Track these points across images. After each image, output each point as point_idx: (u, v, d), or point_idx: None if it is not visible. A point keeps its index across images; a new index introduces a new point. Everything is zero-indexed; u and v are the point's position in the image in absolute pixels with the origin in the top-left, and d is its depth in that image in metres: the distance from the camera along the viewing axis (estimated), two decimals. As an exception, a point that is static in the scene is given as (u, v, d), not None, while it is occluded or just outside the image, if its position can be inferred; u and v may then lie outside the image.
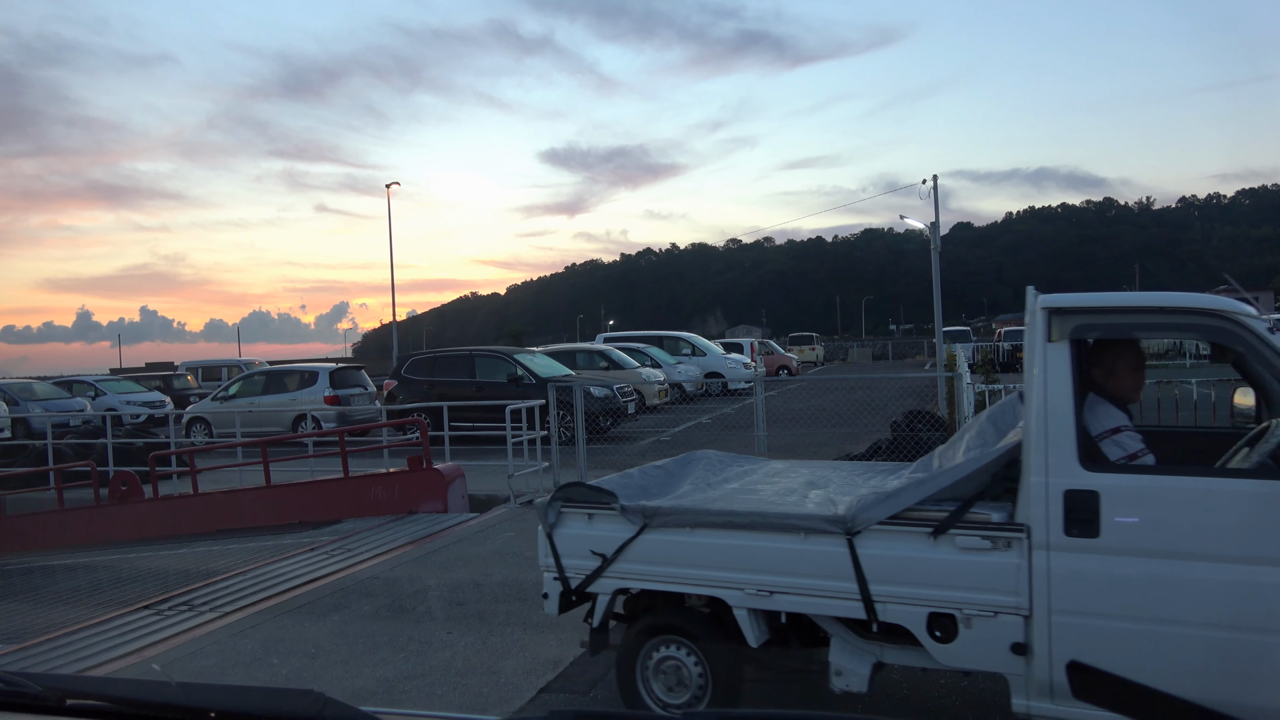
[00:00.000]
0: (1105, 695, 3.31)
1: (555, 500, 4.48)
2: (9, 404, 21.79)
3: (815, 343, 51.07)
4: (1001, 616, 3.50)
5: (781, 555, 3.94)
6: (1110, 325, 3.76)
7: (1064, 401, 3.49)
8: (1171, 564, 3.29)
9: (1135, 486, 3.43)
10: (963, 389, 9.95)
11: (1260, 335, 3.31)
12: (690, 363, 25.03)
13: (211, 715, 0.94)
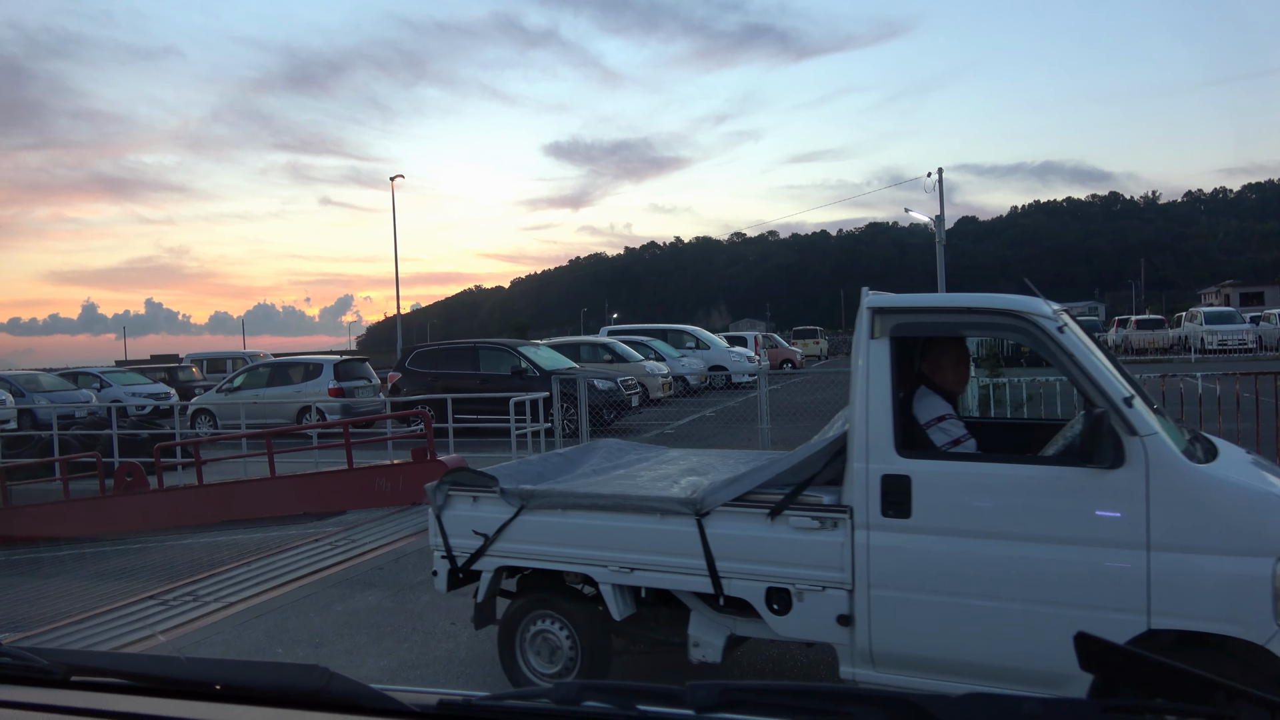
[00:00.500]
0: None
1: (443, 484, 4.75)
2: (15, 395, 21.87)
3: (819, 336, 50.97)
4: (829, 591, 3.81)
5: (641, 535, 4.22)
6: (925, 324, 4.05)
7: (883, 394, 3.77)
8: (972, 542, 3.59)
9: (941, 471, 3.74)
10: (967, 382, 9.95)
11: (1050, 334, 3.56)
12: (694, 356, 25.02)
13: (218, 688, 0.95)
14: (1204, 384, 11.19)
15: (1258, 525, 3.28)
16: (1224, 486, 3.39)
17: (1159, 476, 3.33)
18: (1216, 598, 3.25)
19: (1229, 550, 3.26)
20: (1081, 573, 3.42)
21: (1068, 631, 3.44)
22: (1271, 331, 33.20)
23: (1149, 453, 3.34)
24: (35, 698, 0.96)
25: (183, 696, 0.95)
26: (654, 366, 20.78)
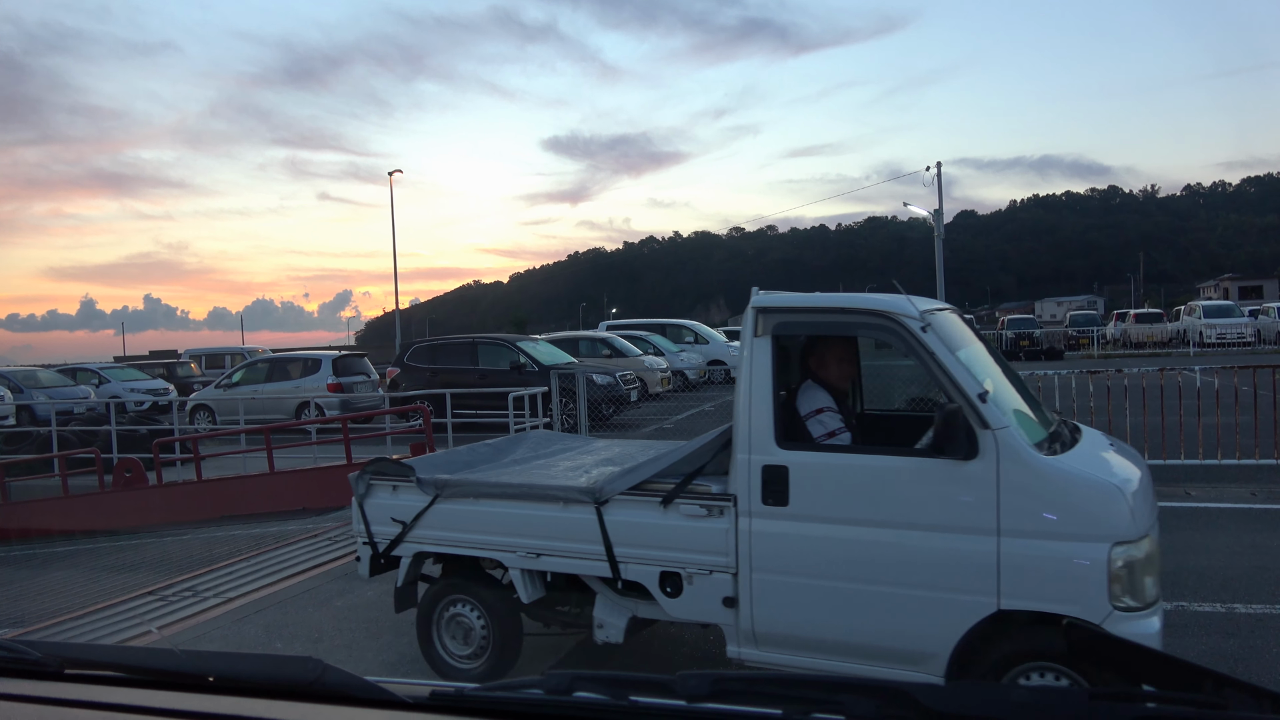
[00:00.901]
0: None
1: (365, 473, 4.96)
2: (13, 391, 21.87)
3: (818, 331, 51.08)
4: (715, 574, 4.03)
5: (546, 522, 4.42)
6: (802, 323, 4.24)
7: (764, 388, 3.97)
8: (843, 529, 3.80)
9: (816, 462, 3.95)
10: (965, 376, 9.94)
11: (914, 333, 3.76)
12: (693, 350, 25.03)
13: (210, 680, 0.95)
14: (1202, 378, 11.19)
15: (1095, 513, 3.47)
16: (1067, 477, 3.55)
17: (1008, 467, 3.53)
18: (1058, 580, 3.45)
19: (1070, 536, 3.46)
20: (940, 557, 3.63)
21: (929, 612, 3.57)
22: (1270, 325, 33.23)
23: (1000, 445, 3.54)
24: (29, 690, 0.96)
25: (176, 688, 0.96)
26: (653, 361, 20.79)
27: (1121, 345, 36.50)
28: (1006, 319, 40.15)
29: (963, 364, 3.71)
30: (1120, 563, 3.38)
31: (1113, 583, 3.37)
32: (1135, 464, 4.03)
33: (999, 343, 30.67)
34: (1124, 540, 3.41)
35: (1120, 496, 3.48)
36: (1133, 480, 3.68)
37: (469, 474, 4.97)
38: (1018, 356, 31.15)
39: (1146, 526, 3.54)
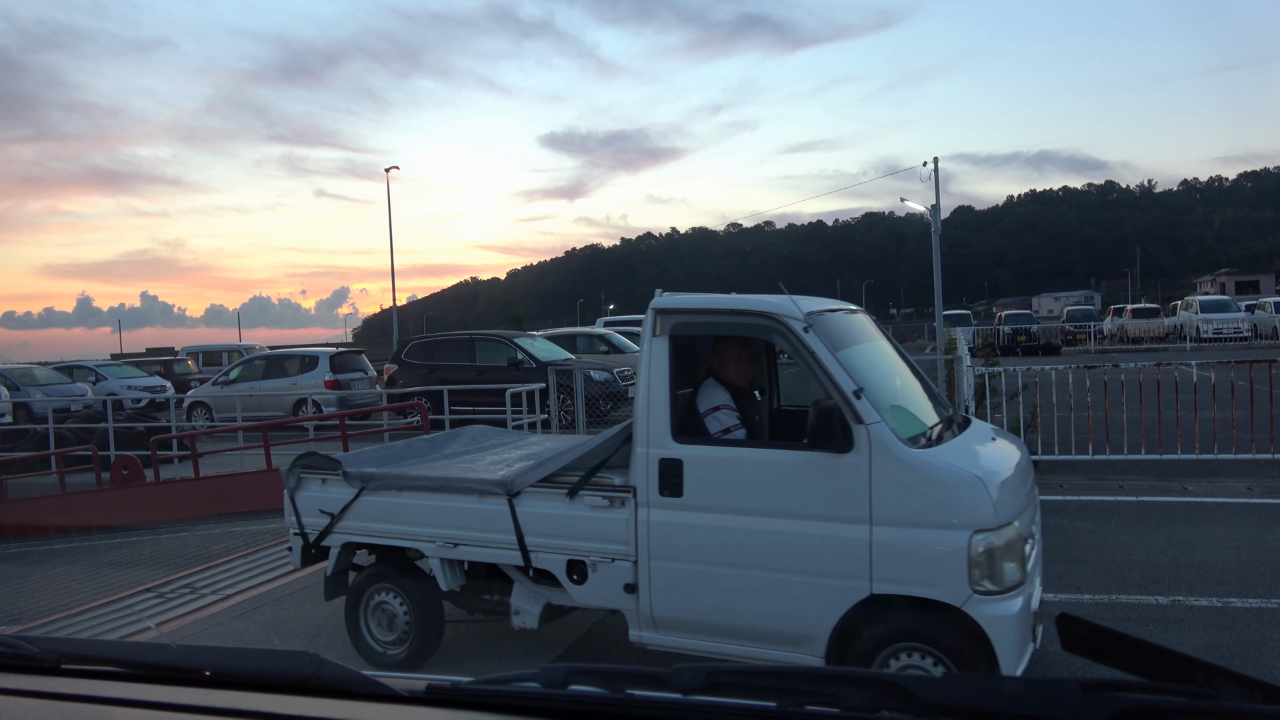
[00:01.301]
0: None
1: (295, 466, 5.19)
2: (10, 389, 21.82)
3: (816, 327, 51.05)
4: (617, 562, 4.24)
5: (463, 514, 4.64)
6: (697, 324, 4.39)
7: (661, 386, 4.18)
8: (733, 518, 4.01)
9: (708, 456, 4.15)
10: (963, 372, 9.96)
11: (796, 333, 3.97)
12: (690, 347, 25.02)
13: (207, 674, 0.95)
14: (1199, 372, 11.21)
15: (957, 503, 3.68)
16: (932, 469, 3.76)
17: (879, 460, 3.74)
18: (924, 566, 3.67)
19: (934, 524, 3.68)
20: (819, 545, 3.85)
21: (809, 597, 3.78)
22: (1266, 320, 33.27)
23: (872, 439, 3.75)
24: (27, 685, 0.96)
25: (174, 683, 0.96)
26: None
27: (1118, 340, 36.55)
28: (1004, 314, 40.23)
29: (840, 363, 3.91)
30: (980, 549, 3.58)
31: (972, 568, 3.57)
32: (1011, 457, 4.24)
33: (996, 338, 30.70)
34: (984, 528, 3.60)
35: (981, 487, 3.67)
36: (999, 472, 3.88)
37: (396, 468, 5.14)
38: (1015, 352, 31.19)
39: (1011, 515, 3.73)
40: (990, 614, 3.58)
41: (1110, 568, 6.22)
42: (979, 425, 4.67)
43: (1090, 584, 5.89)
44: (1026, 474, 4.28)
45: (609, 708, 0.91)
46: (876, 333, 4.89)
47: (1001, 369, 10.73)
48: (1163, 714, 0.87)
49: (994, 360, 11.40)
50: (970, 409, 9.69)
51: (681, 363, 4.44)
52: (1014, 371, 10.63)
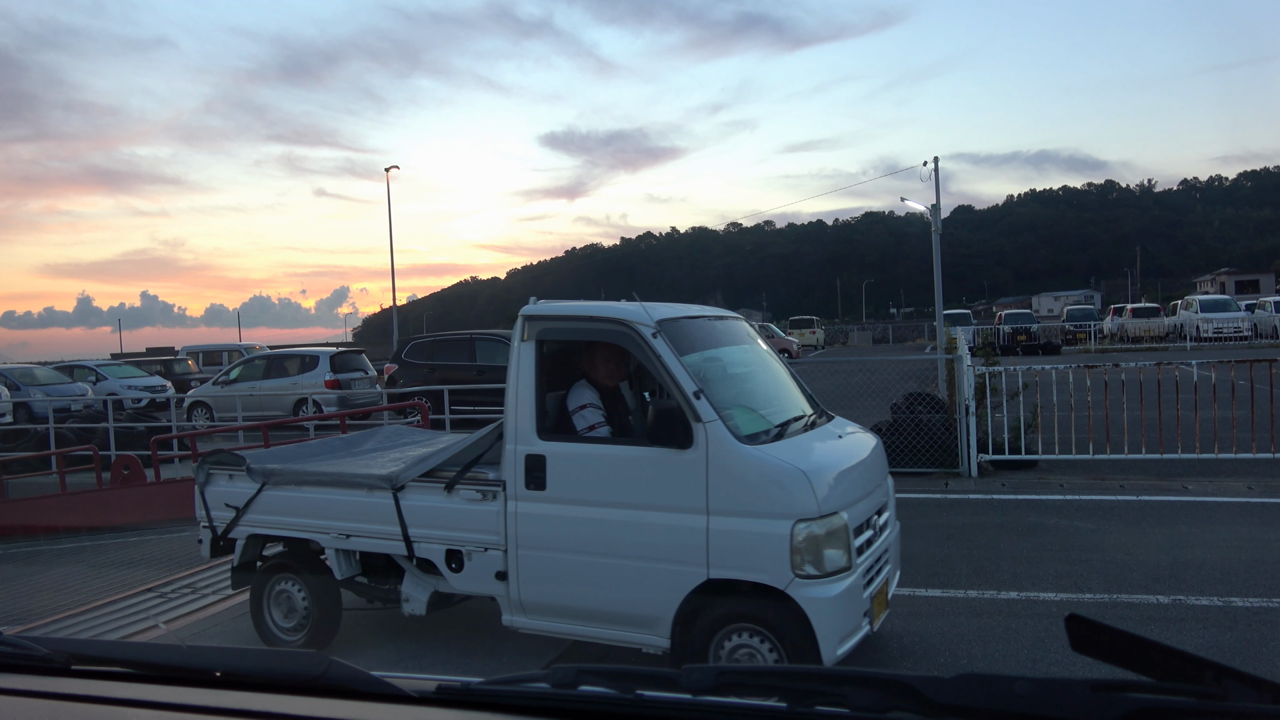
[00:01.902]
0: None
1: (205, 463, 5.50)
2: (10, 389, 21.82)
3: (816, 326, 51.01)
4: (490, 551, 4.53)
5: (354, 507, 4.93)
6: (560, 330, 4.71)
7: (528, 387, 4.49)
8: (590, 509, 4.30)
9: (568, 452, 4.44)
10: (963, 371, 9.96)
11: (645, 339, 4.28)
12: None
13: (217, 675, 0.95)
14: (1199, 372, 11.21)
15: (782, 495, 3.97)
16: (761, 463, 4.04)
17: (715, 455, 4.05)
18: (753, 552, 3.98)
19: (761, 514, 3.98)
20: (664, 534, 4.13)
21: (655, 581, 4.10)
22: (1266, 319, 33.28)
23: (709, 436, 4.05)
24: (37, 685, 0.96)
25: (184, 683, 0.96)
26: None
27: (1118, 340, 36.57)
28: (1004, 314, 40.24)
29: (684, 366, 4.20)
30: (802, 537, 3.89)
31: (794, 554, 3.88)
32: (852, 453, 4.56)
33: (996, 337, 30.72)
34: (806, 518, 3.90)
35: (804, 480, 3.97)
36: (827, 467, 4.19)
37: (297, 464, 5.41)
38: (1014, 351, 31.20)
39: (837, 506, 4.03)
40: (811, 596, 3.88)
41: (1111, 567, 6.22)
42: (835, 424, 4.97)
43: (1092, 583, 5.89)
44: (869, 469, 4.57)
45: (619, 708, 0.90)
46: (748, 337, 5.27)
47: (1002, 368, 10.73)
48: (1172, 714, 0.87)
49: (994, 360, 11.39)
50: (971, 408, 9.69)
51: (553, 365, 4.80)
52: (1014, 371, 10.63)
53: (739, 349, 5.14)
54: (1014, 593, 5.76)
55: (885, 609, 4.49)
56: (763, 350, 5.29)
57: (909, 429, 10.10)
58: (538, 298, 4.72)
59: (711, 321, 5.03)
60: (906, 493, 9.03)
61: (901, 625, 5.30)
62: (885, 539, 4.65)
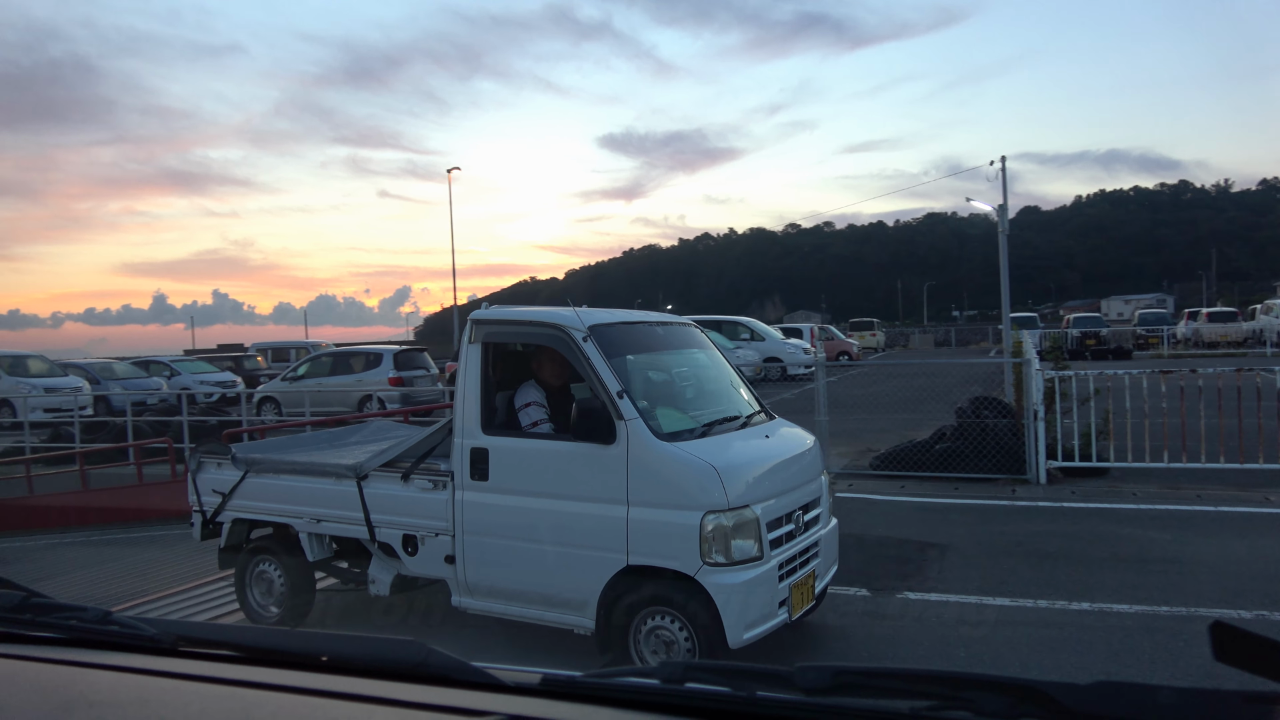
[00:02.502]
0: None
1: (197, 452, 6.04)
2: (91, 383, 22.66)
3: (876, 328, 50.19)
4: (440, 536, 4.91)
5: (324, 494, 5.35)
6: (503, 333, 5.01)
7: (474, 385, 4.85)
8: (526, 499, 4.63)
9: (508, 445, 4.78)
10: (1031, 375, 9.72)
11: (577, 342, 4.60)
12: (749, 348, 24.89)
13: (324, 660, 0.97)
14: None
15: (693, 488, 4.25)
16: (675, 459, 4.32)
17: (635, 451, 4.35)
18: (666, 540, 4.26)
19: (674, 506, 4.26)
20: (591, 523, 4.43)
21: (582, 566, 4.45)
22: (1353, 325, 31.83)
23: (629, 433, 4.36)
24: (147, 664, 1.00)
25: (288, 666, 0.98)
26: (709, 358, 20.66)
27: (1193, 345, 35.32)
28: (1072, 317, 39.15)
29: (611, 368, 4.51)
30: (710, 528, 4.17)
31: (703, 543, 4.16)
32: (775, 452, 4.85)
33: (1064, 341, 29.96)
34: (715, 510, 4.18)
35: (714, 475, 4.23)
36: (742, 463, 4.47)
37: (277, 454, 5.90)
38: (1084, 356, 30.36)
39: (749, 500, 4.29)
40: (718, 583, 4.15)
41: (1188, 580, 6.02)
42: (771, 425, 5.28)
43: (1168, 596, 5.71)
44: (794, 467, 4.87)
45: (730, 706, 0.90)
46: (695, 343, 5.65)
47: (1072, 373, 10.45)
48: None
49: (1063, 364, 11.11)
50: (1039, 413, 9.47)
51: (507, 367, 5.13)
52: (1085, 376, 10.35)
53: (681, 354, 5.56)
54: (1085, 604, 5.61)
55: (810, 600, 4.77)
56: (709, 355, 5.66)
57: (974, 434, 9.91)
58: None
59: (654, 327, 5.45)
60: (971, 499, 8.86)
61: (969, 633, 5.21)
62: (813, 534, 4.90)
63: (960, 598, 5.85)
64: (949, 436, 10.31)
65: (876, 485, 9.72)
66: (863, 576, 6.18)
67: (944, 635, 5.21)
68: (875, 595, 5.90)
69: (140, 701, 0.88)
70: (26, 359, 22.59)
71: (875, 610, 5.65)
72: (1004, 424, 10.09)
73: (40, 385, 21.02)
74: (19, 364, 22.08)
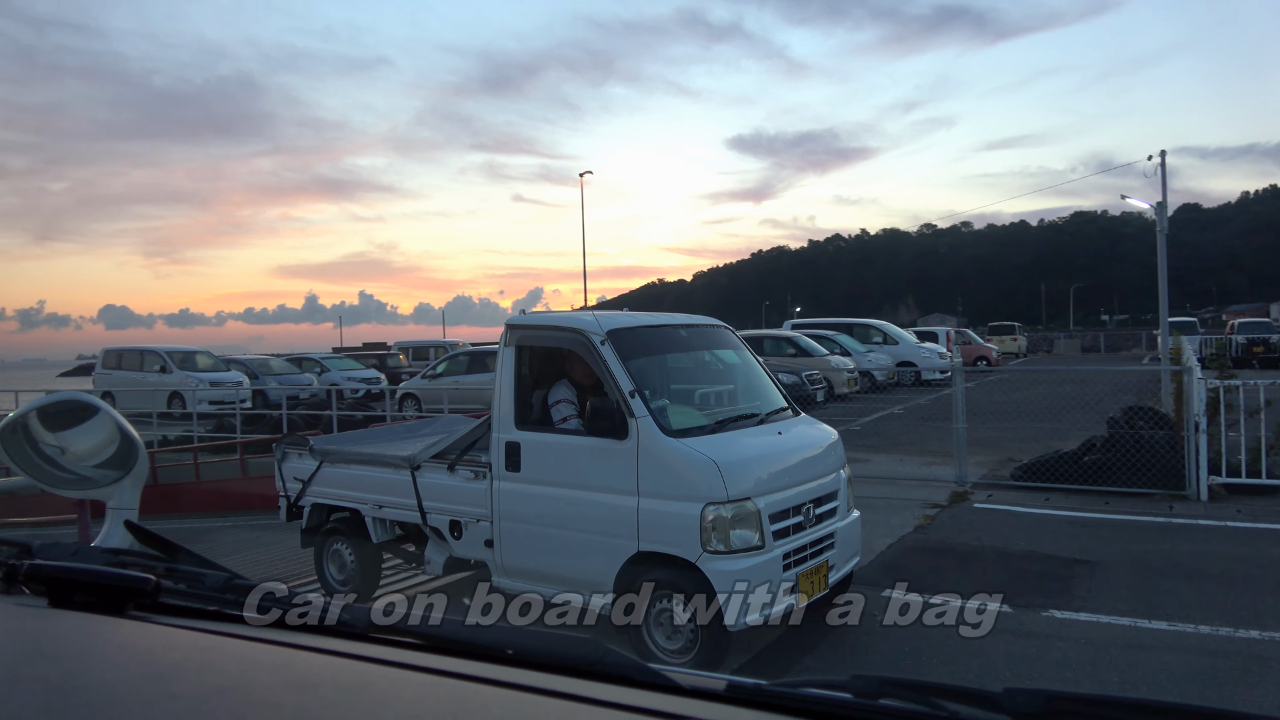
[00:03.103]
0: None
1: (282, 443, 6.73)
2: (250, 377, 24.24)
3: (1017, 333, 47.82)
4: (480, 522, 5.39)
5: (386, 482, 5.88)
6: (533, 337, 5.46)
7: (509, 384, 5.31)
8: (552, 489, 5.08)
9: (537, 440, 5.21)
10: (1192, 384, 9.06)
11: (595, 345, 4.99)
12: (881, 351, 24.28)
13: (509, 653, 1.00)
14: None
15: (694, 481, 4.60)
16: (680, 455, 4.68)
17: (644, 446, 4.72)
18: (672, 529, 4.62)
19: (679, 497, 4.63)
20: (607, 512, 4.82)
21: (601, 551, 4.94)
22: None
23: (640, 429, 4.73)
24: (340, 647, 1.05)
25: (471, 657, 1.01)
26: (839, 361, 20.32)
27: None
28: (1236, 322, 36.29)
29: (627, 369, 4.87)
30: (710, 518, 4.53)
31: (704, 532, 4.52)
32: (785, 450, 5.16)
33: (1228, 348, 27.84)
34: (715, 501, 4.53)
35: (714, 470, 4.57)
36: (745, 459, 4.78)
37: (349, 446, 6.49)
38: (1250, 364, 28.10)
39: (750, 493, 4.62)
40: (717, 569, 4.49)
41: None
42: (789, 422, 5.53)
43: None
44: (804, 462, 5.19)
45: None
46: (722, 343, 6.00)
47: (1239, 382, 9.70)
48: None
49: (1229, 372, 10.29)
50: (1202, 425, 8.83)
51: (536, 366, 5.49)
52: (1254, 385, 9.59)
53: (704, 354, 6.03)
54: (1255, 631, 5.20)
55: (824, 589, 5.07)
56: (739, 355, 5.97)
57: (1127, 445, 9.33)
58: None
59: (677, 330, 5.83)
60: (1124, 514, 8.36)
61: (1123, 656, 4.92)
62: (826, 526, 5.20)
63: (1112, 619, 5.53)
64: (1099, 448, 9.75)
65: (1019, 497, 9.31)
66: (1003, 592, 5.93)
67: (1094, 657, 4.93)
68: (1017, 612, 5.65)
69: (360, 686, 0.94)
70: (195, 355, 24.32)
71: (1016, 627, 5.41)
72: (1161, 436, 9.46)
73: (206, 379, 22.62)
74: (188, 359, 23.81)
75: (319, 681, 0.95)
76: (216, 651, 1.04)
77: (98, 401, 1.54)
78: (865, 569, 6.48)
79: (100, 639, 1.09)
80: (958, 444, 10.18)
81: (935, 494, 9.45)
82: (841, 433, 5.94)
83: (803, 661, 4.97)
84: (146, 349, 24.31)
